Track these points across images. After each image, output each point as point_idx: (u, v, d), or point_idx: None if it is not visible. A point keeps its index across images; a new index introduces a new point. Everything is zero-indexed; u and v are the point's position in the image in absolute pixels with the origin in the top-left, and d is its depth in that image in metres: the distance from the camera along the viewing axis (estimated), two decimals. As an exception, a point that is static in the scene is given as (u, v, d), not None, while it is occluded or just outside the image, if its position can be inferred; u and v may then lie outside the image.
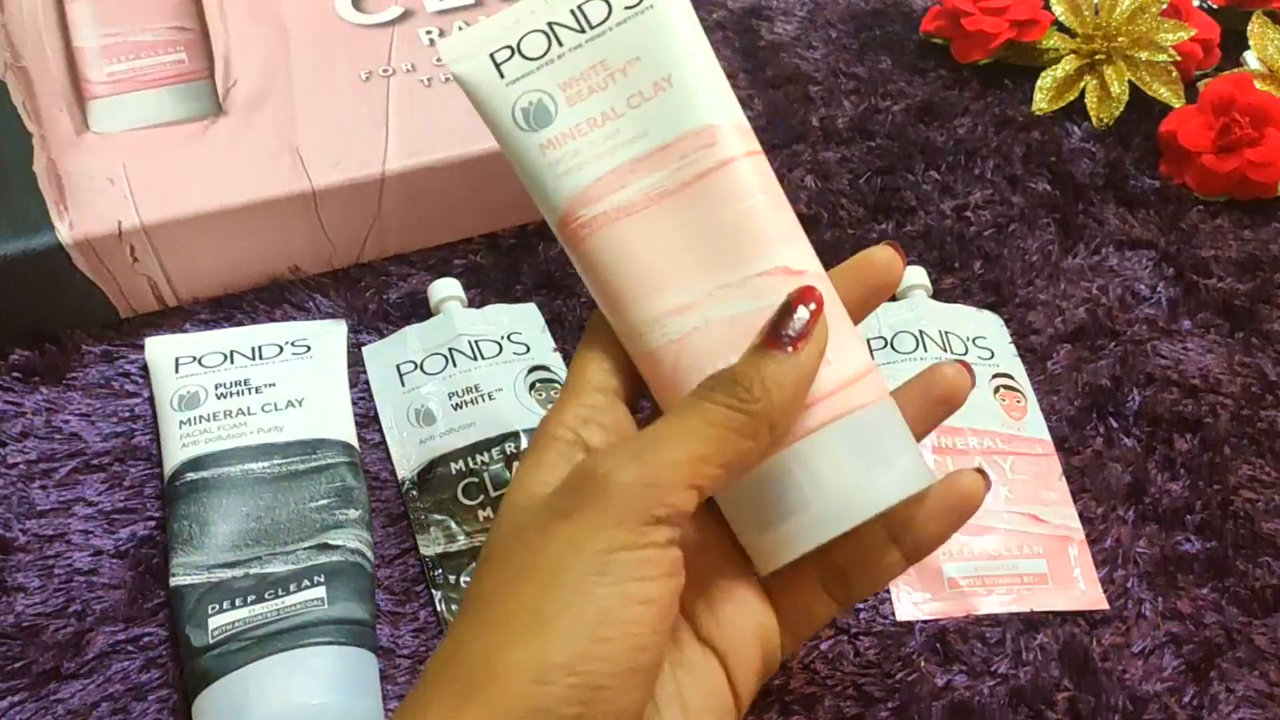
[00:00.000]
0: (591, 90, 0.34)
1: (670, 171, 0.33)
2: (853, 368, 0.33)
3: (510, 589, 0.29)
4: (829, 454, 0.32)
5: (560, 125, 0.34)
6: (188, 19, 0.56)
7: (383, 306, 0.54)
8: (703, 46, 0.34)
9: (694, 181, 0.33)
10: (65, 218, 0.49)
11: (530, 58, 0.34)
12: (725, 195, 0.33)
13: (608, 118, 0.34)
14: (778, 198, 0.34)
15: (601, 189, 0.33)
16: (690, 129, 0.33)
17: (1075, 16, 0.65)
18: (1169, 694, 0.45)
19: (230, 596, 0.43)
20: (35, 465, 0.48)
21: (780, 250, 0.33)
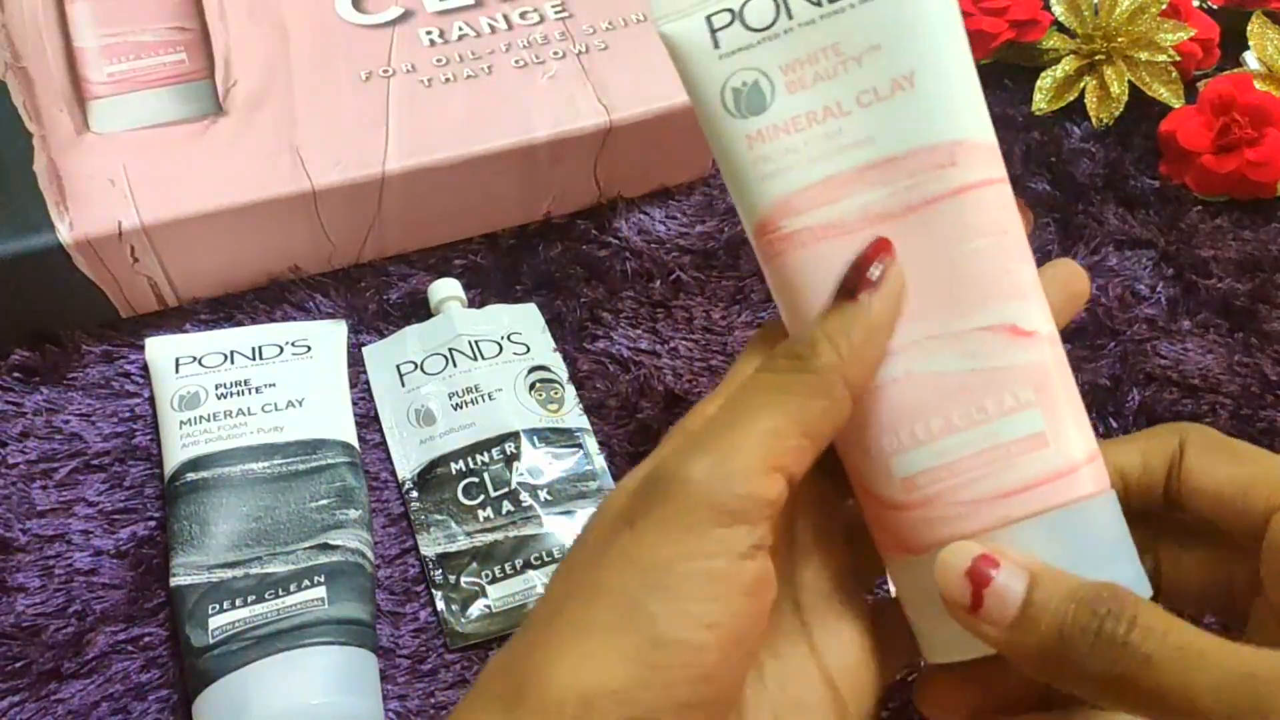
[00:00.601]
0: (818, 78, 0.29)
1: (895, 190, 0.28)
2: (1074, 453, 0.28)
3: (565, 604, 0.26)
4: (1031, 550, 0.27)
5: (775, 115, 0.29)
6: (188, 19, 0.56)
7: (383, 306, 0.54)
8: (959, 43, 0.29)
9: (921, 207, 0.28)
10: (65, 218, 0.49)
11: (753, 28, 0.29)
12: (956, 229, 0.28)
13: (831, 114, 0.29)
14: (1018, 240, 0.29)
15: (812, 198, 0.29)
16: (927, 143, 0.28)
17: (1075, 17, 0.65)
18: (1169, 694, 0.44)
19: (230, 596, 0.43)
20: (35, 465, 0.48)
21: (1010, 305, 0.28)
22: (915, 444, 0.28)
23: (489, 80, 0.55)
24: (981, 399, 0.28)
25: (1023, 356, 0.28)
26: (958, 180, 0.28)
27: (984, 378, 0.28)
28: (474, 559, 0.46)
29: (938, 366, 0.28)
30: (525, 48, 0.56)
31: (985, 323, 0.28)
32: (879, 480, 0.29)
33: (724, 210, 0.58)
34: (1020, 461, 0.28)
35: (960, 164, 0.28)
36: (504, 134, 0.53)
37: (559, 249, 0.56)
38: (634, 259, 0.56)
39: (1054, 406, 0.28)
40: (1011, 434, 0.28)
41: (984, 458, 0.28)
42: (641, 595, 0.25)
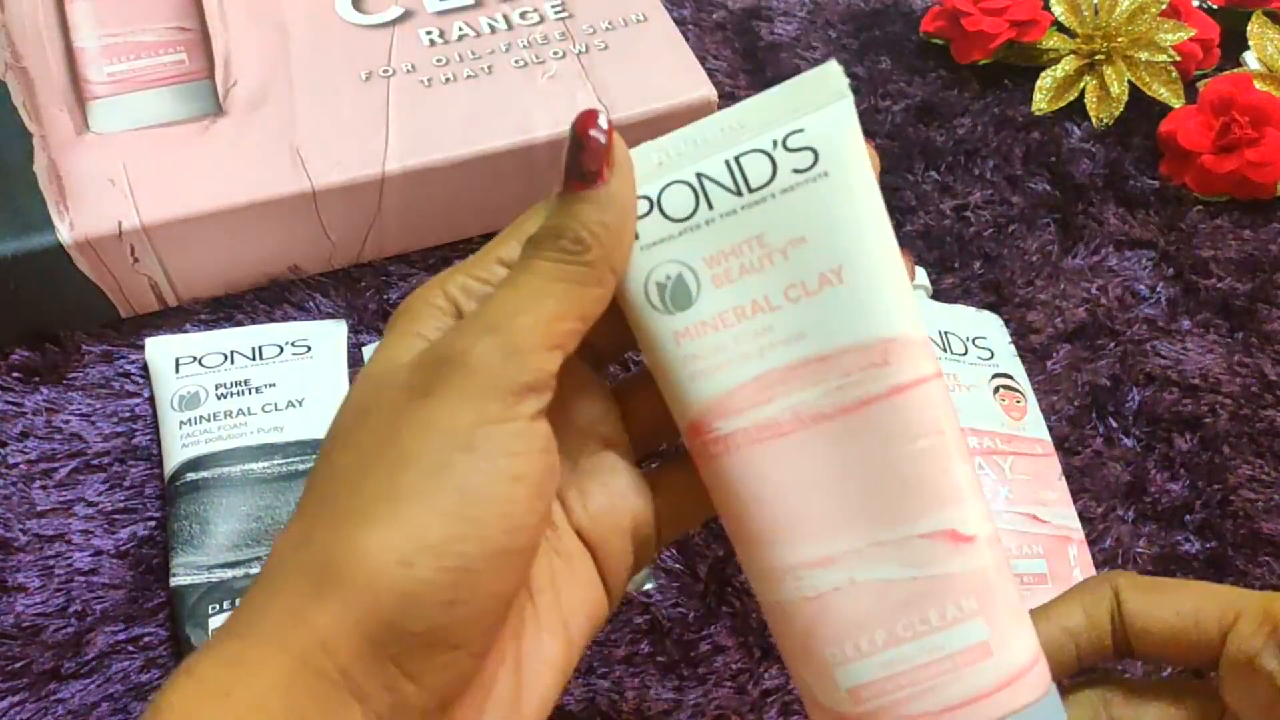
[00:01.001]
0: (743, 270, 0.28)
1: (828, 390, 0.27)
2: (1018, 660, 0.28)
3: (365, 472, 0.26)
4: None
5: (702, 310, 0.28)
6: (188, 19, 0.56)
7: (383, 306, 0.54)
8: (885, 235, 0.28)
9: (856, 408, 0.27)
10: (65, 218, 0.49)
11: (673, 218, 0.28)
12: (893, 431, 0.27)
13: (760, 309, 0.28)
14: (955, 439, 0.28)
15: (744, 399, 0.28)
16: (858, 341, 0.27)
17: (1075, 16, 0.65)
18: (1169, 694, 0.45)
19: (231, 596, 0.43)
20: (35, 465, 0.48)
21: (949, 510, 0.28)
22: (859, 656, 0.28)
23: (489, 80, 0.55)
24: (924, 610, 0.27)
25: (964, 564, 0.28)
26: (891, 380, 0.27)
27: (926, 587, 0.27)
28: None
29: (879, 575, 0.27)
30: (525, 48, 0.57)
31: (925, 529, 0.27)
32: (825, 691, 0.29)
33: (724, 210, 0.58)
34: (965, 674, 0.27)
35: (893, 363, 0.27)
36: (504, 134, 0.53)
37: (559, 249, 0.56)
38: (634, 259, 0.56)
39: (996, 614, 0.28)
40: (955, 645, 0.27)
41: (929, 670, 0.27)
42: (451, 456, 0.26)
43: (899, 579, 0.27)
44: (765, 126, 0.28)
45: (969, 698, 0.27)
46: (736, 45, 0.66)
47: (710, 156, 0.28)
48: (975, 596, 0.28)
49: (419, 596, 0.25)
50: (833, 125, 0.28)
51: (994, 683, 0.27)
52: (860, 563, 0.28)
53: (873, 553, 0.28)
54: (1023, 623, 0.28)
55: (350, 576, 0.25)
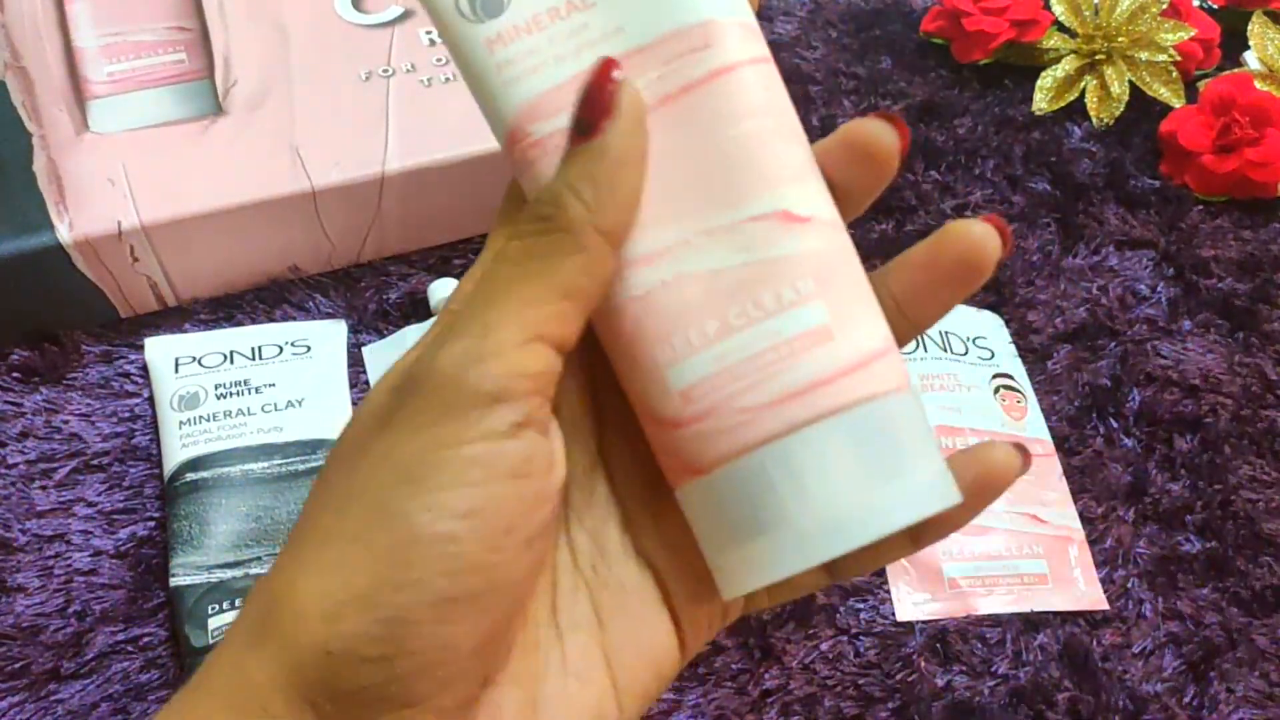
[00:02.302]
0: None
1: (648, 81, 0.26)
2: (864, 346, 0.26)
3: (318, 517, 0.24)
4: (822, 457, 0.25)
5: (514, 15, 0.26)
6: (187, 19, 0.56)
7: (383, 306, 0.54)
8: None
9: (678, 95, 0.26)
10: (65, 217, 0.49)
11: None
12: (717, 114, 0.26)
13: (574, 8, 0.26)
14: (787, 121, 0.26)
15: (560, 100, 0.26)
16: (677, 26, 0.26)
17: (1075, 16, 0.64)
18: (1169, 694, 0.44)
19: (230, 596, 0.43)
20: (35, 465, 0.48)
21: (781, 189, 0.26)
22: (690, 351, 0.25)
23: (489, 80, 0.55)
24: (757, 294, 0.25)
25: (799, 244, 0.25)
26: (712, 64, 0.26)
27: (758, 271, 0.25)
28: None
29: (708, 264, 0.25)
30: (525, 47, 0.56)
31: (755, 211, 0.25)
32: (656, 398, 0.26)
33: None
34: (804, 359, 0.25)
35: (715, 45, 0.26)
36: (504, 134, 0.53)
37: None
38: (634, 259, 0.56)
39: (836, 297, 0.25)
40: (792, 330, 0.25)
41: (764, 359, 0.25)
42: (390, 493, 0.23)
43: (730, 266, 0.25)
44: None
45: (808, 383, 0.25)
46: (736, 45, 0.66)
47: None
48: (813, 279, 0.25)
49: (346, 653, 0.22)
50: None
51: (835, 368, 0.25)
52: (688, 253, 0.25)
53: (701, 242, 0.25)
54: (869, 310, 0.26)
55: (280, 628, 0.23)
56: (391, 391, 0.24)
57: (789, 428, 0.25)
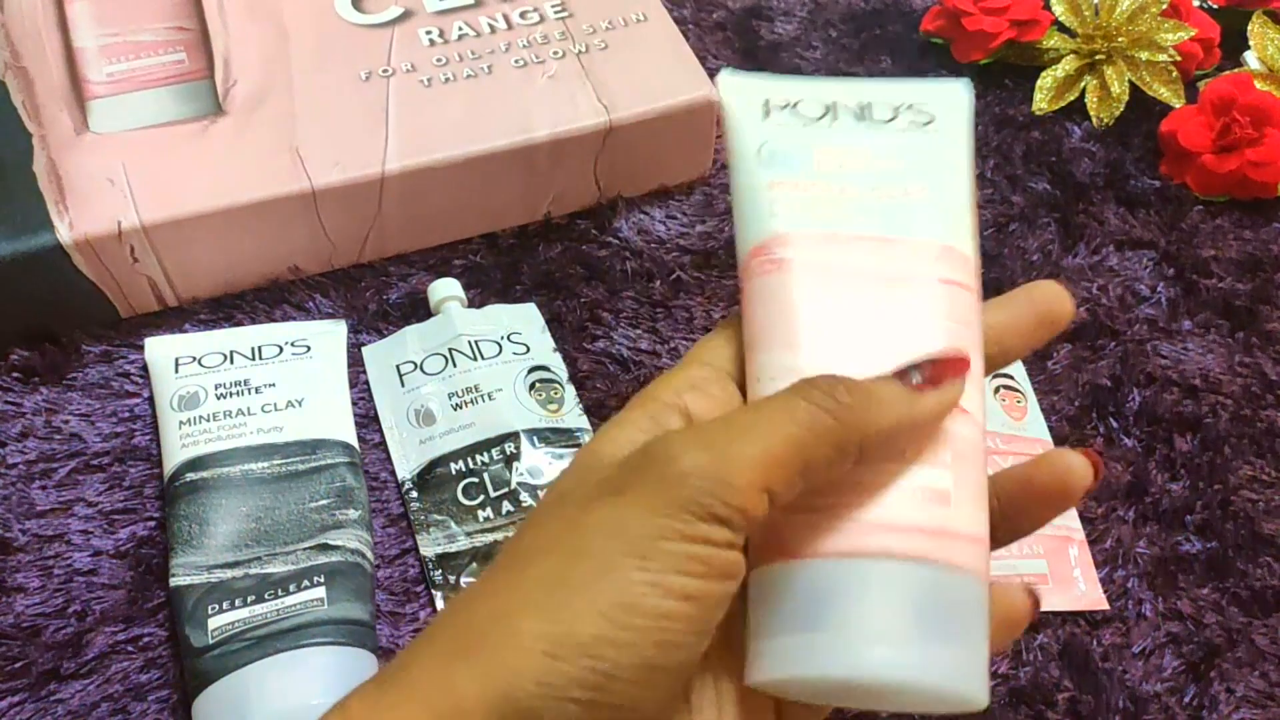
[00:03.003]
0: (843, 165, 0.32)
1: (881, 260, 0.30)
2: (968, 524, 0.29)
3: (537, 557, 0.27)
4: (900, 589, 0.27)
5: (798, 173, 0.32)
6: (187, 19, 0.56)
7: (383, 306, 0.54)
8: (968, 183, 0.32)
9: (898, 281, 0.30)
10: (65, 218, 0.49)
11: (801, 114, 0.33)
12: (927, 309, 0.30)
13: (847, 193, 0.31)
14: (976, 335, 0.31)
15: (808, 241, 0.31)
16: (920, 237, 0.31)
17: (1075, 16, 0.64)
18: (1169, 694, 0.44)
19: (230, 597, 0.42)
20: (35, 465, 0.48)
21: (966, 388, 0.30)
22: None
23: (489, 80, 0.55)
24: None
25: (952, 427, 0.29)
26: (935, 273, 0.30)
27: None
28: (474, 559, 0.46)
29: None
30: (525, 47, 0.56)
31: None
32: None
33: (724, 210, 0.58)
34: (921, 506, 0.28)
35: (944, 260, 0.31)
36: (504, 134, 0.53)
37: (559, 249, 0.56)
38: (634, 259, 0.56)
39: (963, 477, 0.29)
40: (919, 482, 0.28)
41: (890, 490, 0.28)
42: (622, 560, 0.26)
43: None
44: (892, 93, 0.33)
45: (915, 526, 0.28)
46: (736, 45, 0.66)
47: (845, 97, 0.33)
48: (950, 453, 0.29)
49: (558, 690, 0.25)
50: (949, 98, 0.33)
51: (940, 527, 0.29)
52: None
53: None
54: (981, 500, 0.30)
55: (497, 653, 0.25)
56: (623, 466, 0.27)
57: (885, 552, 0.28)
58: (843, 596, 0.27)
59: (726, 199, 0.58)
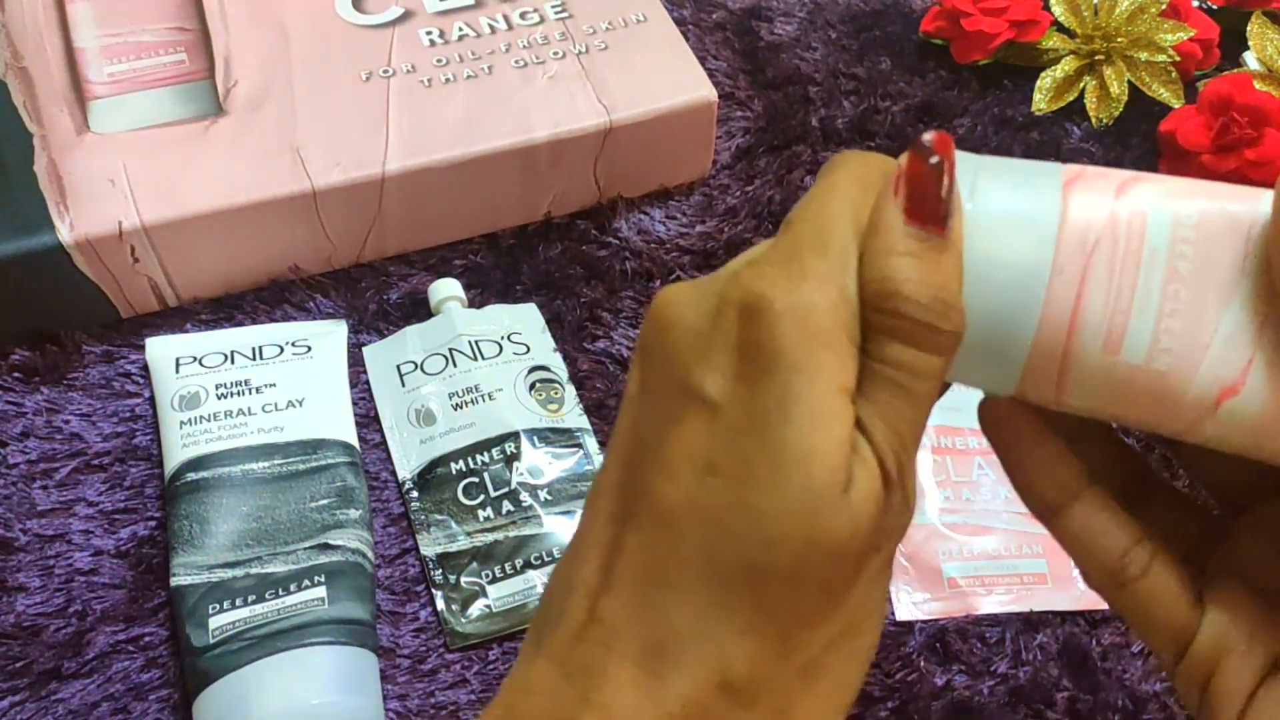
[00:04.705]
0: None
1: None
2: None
3: (838, 640, 0.25)
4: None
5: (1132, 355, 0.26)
6: (188, 19, 0.56)
7: (383, 306, 0.54)
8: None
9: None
10: (66, 218, 0.49)
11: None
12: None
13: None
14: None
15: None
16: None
17: (1075, 17, 0.65)
18: (1169, 694, 0.45)
19: (231, 596, 0.43)
20: (36, 465, 0.48)
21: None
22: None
23: (489, 80, 0.55)
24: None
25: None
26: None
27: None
28: (474, 559, 0.46)
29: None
30: (525, 48, 0.57)
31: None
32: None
33: (723, 210, 0.58)
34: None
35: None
36: (504, 134, 0.53)
37: (559, 249, 0.56)
38: (634, 259, 0.56)
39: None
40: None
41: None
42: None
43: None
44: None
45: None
46: (736, 45, 0.66)
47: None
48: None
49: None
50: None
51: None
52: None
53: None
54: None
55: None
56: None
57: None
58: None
59: (726, 199, 0.58)
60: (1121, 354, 0.25)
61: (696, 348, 0.25)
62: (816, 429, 0.23)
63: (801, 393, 0.23)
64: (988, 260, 0.25)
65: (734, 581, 0.24)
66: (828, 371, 0.24)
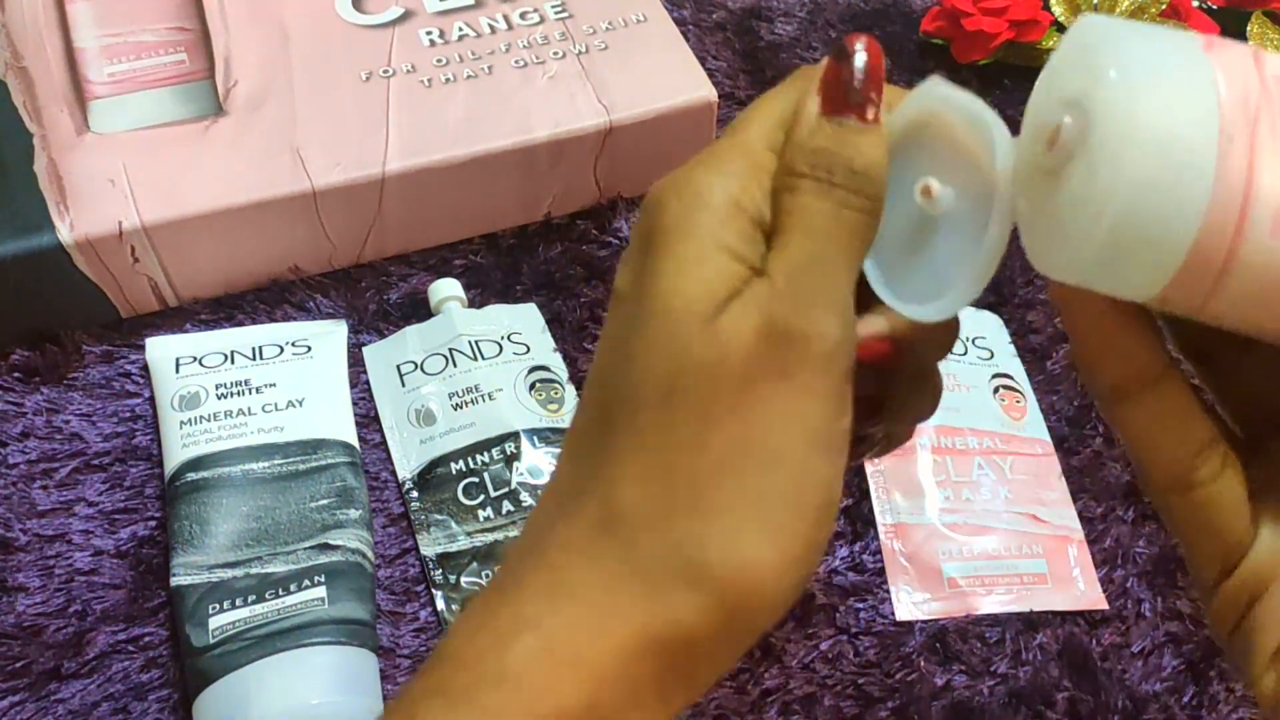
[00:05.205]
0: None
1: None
2: None
3: (727, 463, 0.24)
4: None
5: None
6: (188, 19, 0.56)
7: (383, 306, 0.54)
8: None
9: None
10: (66, 218, 0.49)
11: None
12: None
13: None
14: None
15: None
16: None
17: (1075, 17, 0.65)
18: (1169, 694, 0.45)
19: (231, 596, 0.43)
20: (36, 465, 0.48)
21: None
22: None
23: (489, 80, 0.55)
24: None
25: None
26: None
27: None
28: (474, 559, 0.46)
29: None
30: (525, 48, 0.57)
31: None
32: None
33: (724, 210, 0.58)
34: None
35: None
36: (504, 134, 0.53)
37: (559, 249, 0.56)
38: (634, 259, 0.56)
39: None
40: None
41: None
42: (814, 457, 0.25)
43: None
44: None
45: None
46: (736, 45, 0.66)
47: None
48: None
49: (779, 608, 0.25)
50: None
51: None
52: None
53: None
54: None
55: (721, 581, 0.24)
56: (762, 336, 0.25)
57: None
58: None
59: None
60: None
61: (622, 260, 0.27)
62: (681, 273, 0.25)
63: (673, 249, 0.25)
64: (1136, 138, 0.22)
65: (618, 425, 0.25)
66: (703, 230, 0.25)
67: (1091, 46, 0.23)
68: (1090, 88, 0.23)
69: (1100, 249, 0.22)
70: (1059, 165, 0.23)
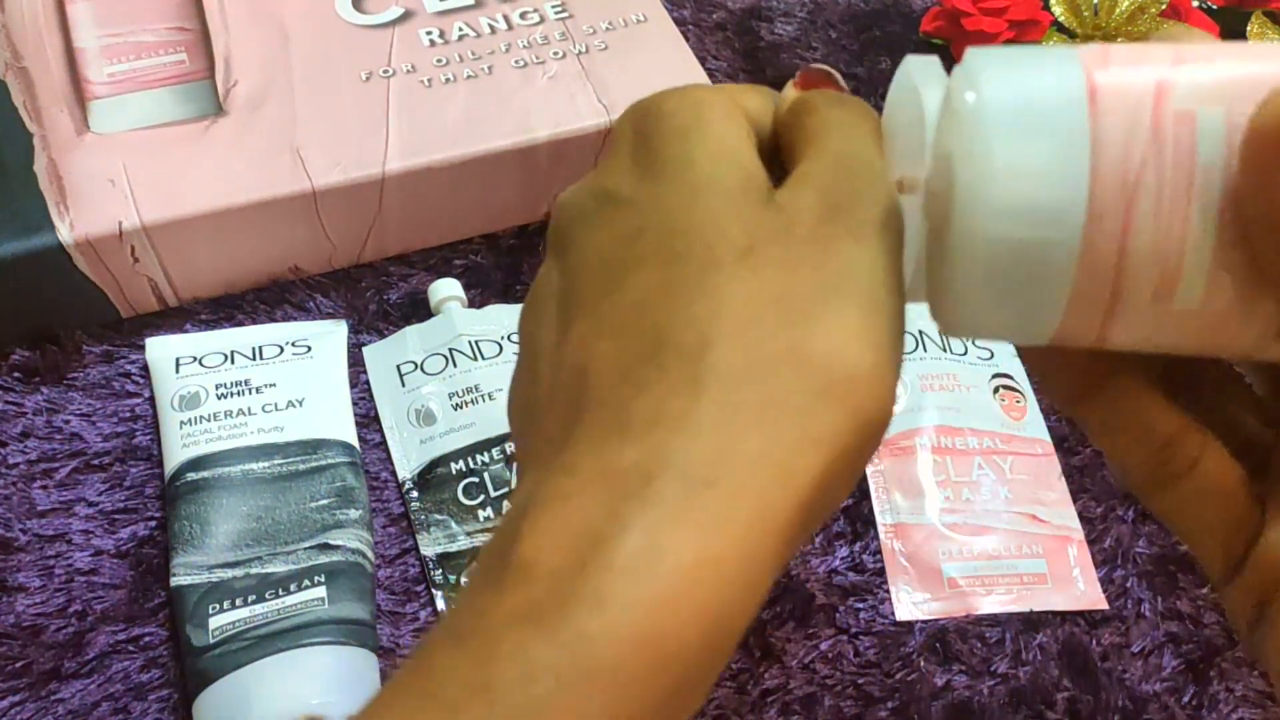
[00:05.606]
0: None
1: None
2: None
3: (819, 296, 0.24)
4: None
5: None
6: (188, 19, 0.56)
7: (383, 306, 0.54)
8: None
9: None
10: (66, 218, 0.49)
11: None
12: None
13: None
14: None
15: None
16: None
17: (1075, 17, 0.65)
18: (1169, 694, 0.45)
19: (231, 596, 0.43)
20: (36, 465, 0.48)
21: None
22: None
23: (489, 80, 0.55)
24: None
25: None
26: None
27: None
28: (474, 559, 0.46)
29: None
30: (525, 48, 0.57)
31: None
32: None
33: (724, 210, 0.58)
34: None
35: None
36: (504, 134, 0.53)
37: (559, 249, 0.56)
38: (634, 259, 0.56)
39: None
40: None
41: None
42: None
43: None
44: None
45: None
46: (736, 45, 0.66)
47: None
48: None
49: (889, 414, 0.24)
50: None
51: None
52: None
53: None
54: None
55: (844, 385, 0.23)
56: (819, 186, 0.26)
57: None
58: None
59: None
60: (1175, 301, 0.21)
61: (602, 171, 0.28)
62: (723, 156, 0.26)
63: (704, 139, 0.27)
64: (996, 210, 0.21)
65: (682, 294, 0.25)
66: (720, 127, 0.27)
67: (962, 114, 0.22)
68: (955, 150, 0.22)
69: (974, 315, 0.24)
70: (939, 224, 0.24)
